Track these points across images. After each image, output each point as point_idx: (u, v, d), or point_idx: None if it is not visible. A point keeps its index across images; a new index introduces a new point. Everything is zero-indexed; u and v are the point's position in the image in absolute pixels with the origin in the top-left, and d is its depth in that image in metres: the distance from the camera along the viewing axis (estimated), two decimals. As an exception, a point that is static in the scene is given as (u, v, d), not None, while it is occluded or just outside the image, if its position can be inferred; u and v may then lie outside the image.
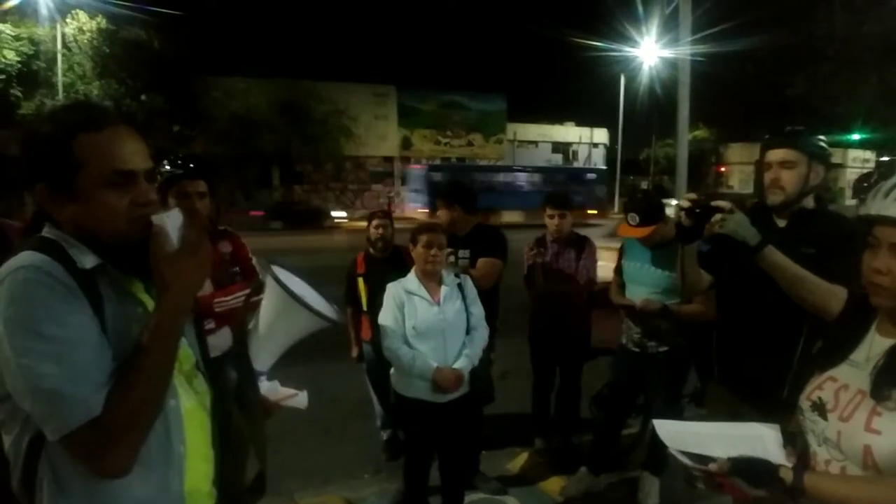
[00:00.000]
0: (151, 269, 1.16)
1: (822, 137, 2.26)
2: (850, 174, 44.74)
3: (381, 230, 4.07)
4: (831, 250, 2.04)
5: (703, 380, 3.05)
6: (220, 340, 2.40)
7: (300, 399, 1.97)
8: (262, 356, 1.52)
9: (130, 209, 1.17)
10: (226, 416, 1.24)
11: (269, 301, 1.45)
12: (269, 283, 1.43)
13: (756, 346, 2.24)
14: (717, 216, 2.02)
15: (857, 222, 2.63)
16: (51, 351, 1.04)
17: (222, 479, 1.34)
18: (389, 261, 3.95)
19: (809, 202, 2.26)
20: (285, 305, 1.47)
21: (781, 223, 2.28)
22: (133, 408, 1.09)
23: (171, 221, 1.20)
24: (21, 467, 1.12)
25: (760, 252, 2.02)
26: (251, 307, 1.98)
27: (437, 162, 33.79)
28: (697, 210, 2.07)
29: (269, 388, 1.70)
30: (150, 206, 1.19)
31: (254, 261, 2.92)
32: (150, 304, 1.25)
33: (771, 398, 2.09)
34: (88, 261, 1.14)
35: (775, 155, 2.23)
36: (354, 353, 4.22)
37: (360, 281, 4.06)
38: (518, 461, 4.05)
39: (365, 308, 4.02)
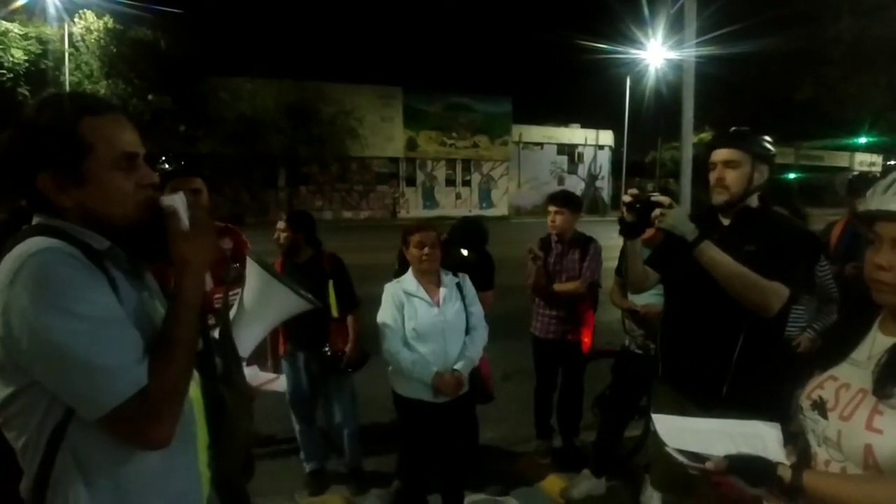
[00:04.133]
0: (169, 247, 1.21)
1: (767, 138, 2.27)
2: (858, 178, 44.59)
3: (280, 236, 3.61)
4: (772, 248, 2.08)
5: (649, 378, 3.01)
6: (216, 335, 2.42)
7: (280, 383, 2.04)
8: (245, 342, 1.53)
9: (136, 191, 1.20)
10: (220, 402, 1.26)
11: (250, 287, 1.47)
12: (251, 270, 1.44)
13: (697, 344, 2.25)
14: (657, 211, 2.05)
15: (800, 222, 2.63)
16: (89, 329, 1.06)
17: (217, 461, 1.37)
18: (305, 267, 3.60)
19: (754, 201, 2.27)
20: (267, 288, 1.50)
21: (726, 222, 2.29)
22: (175, 378, 1.14)
23: (179, 204, 1.25)
24: (39, 463, 1.11)
25: (698, 247, 2.04)
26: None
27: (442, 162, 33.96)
28: (637, 205, 2.08)
29: (250, 374, 1.74)
30: (153, 189, 1.25)
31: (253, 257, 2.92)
32: (153, 286, 1.31)
33: (711, 396, 2.10)
34: (99, 243, 1.17)
35: (720, 155, 2.24)
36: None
37: None
38: (520, 462, 4.03)
39: None
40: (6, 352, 1.06)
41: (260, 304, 1.54)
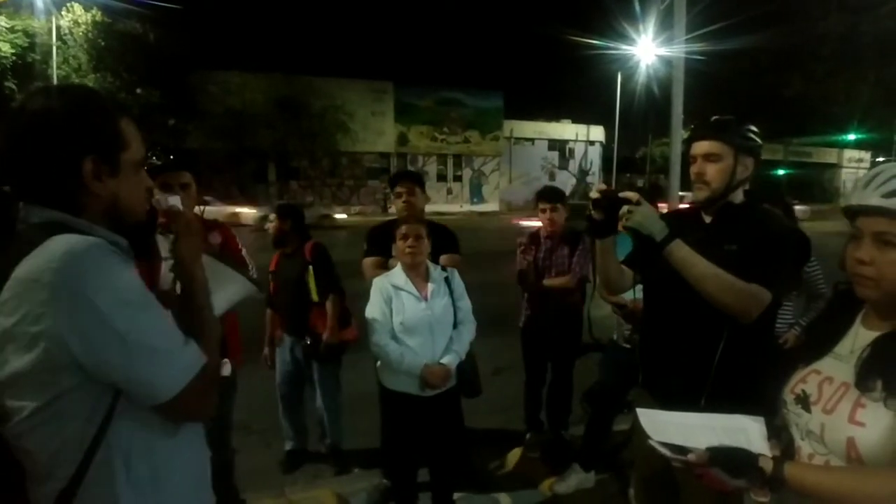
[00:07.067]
0: (177, 244, 1.35)
1: (752, 128, 2.05)
2: (846, 174, 45.03)
3: (269, 227, 3.92)
4: (754, 248, 1.93)
5: (630, 384, 2.91)
6: None
7: (226, 368, 2.08)
8: None
9: (144, 192, 1.31)
10: None
11: None
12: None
13: (674, 351, 2.10)
14: (624, 208, 1.92)
15: (787, 220, 2.52)
16: (146, 317, 1.13)
17: None
18: (291, 256, 3.86)
19: (738, 197, 2.08)
20: (212, 272, 1.51)
21: (708, 219, 2.12)
22: (216, 353, 1.28)
23: (180, 205, 1.42)
24: (79, 462, 1.10)
25: (667, 247, 1.91)
26: None
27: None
28: (604, 202, 1.97)
29: None
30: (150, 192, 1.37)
31: (244, 252, 2.91)
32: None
33: (689, 409, 1.86)
34: (119, 240, 1.21)
35: (700, 147, 2.04)
36: (265, 352, 4.00)
37: (270, 278, 3.92)
38: (509, 457, 4.04)
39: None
40: (60, 351, 1.04)
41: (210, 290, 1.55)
